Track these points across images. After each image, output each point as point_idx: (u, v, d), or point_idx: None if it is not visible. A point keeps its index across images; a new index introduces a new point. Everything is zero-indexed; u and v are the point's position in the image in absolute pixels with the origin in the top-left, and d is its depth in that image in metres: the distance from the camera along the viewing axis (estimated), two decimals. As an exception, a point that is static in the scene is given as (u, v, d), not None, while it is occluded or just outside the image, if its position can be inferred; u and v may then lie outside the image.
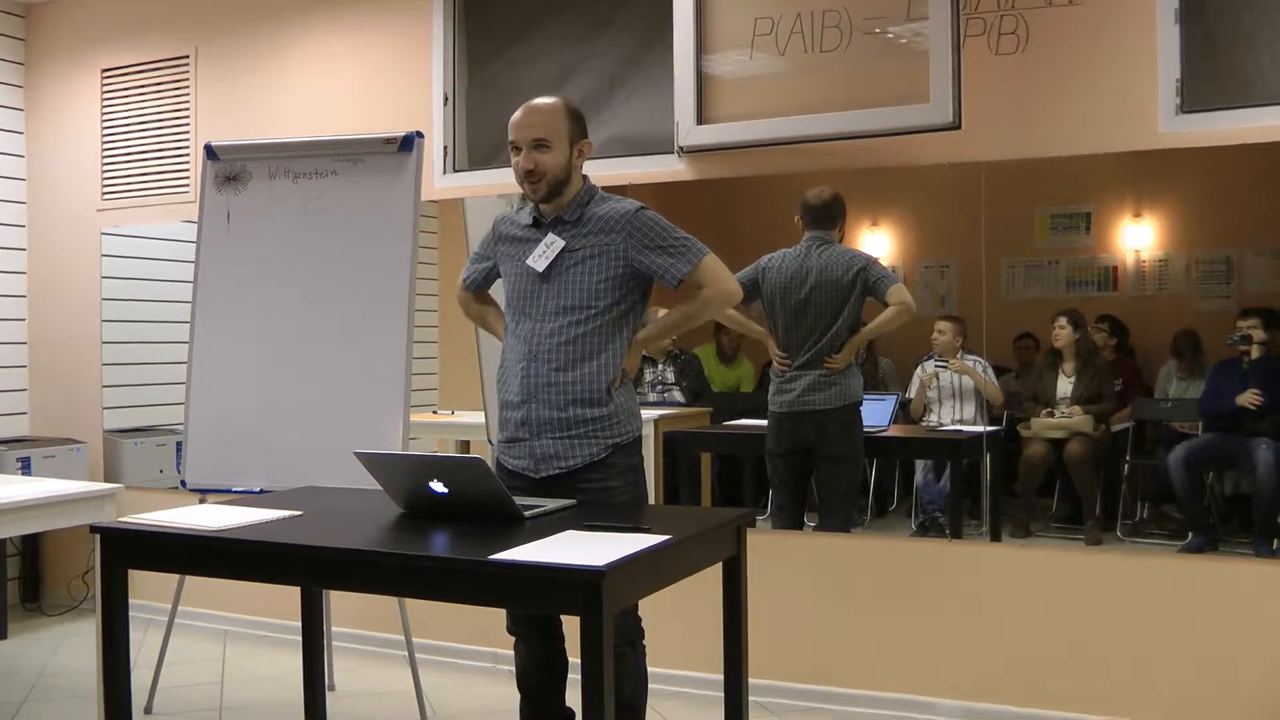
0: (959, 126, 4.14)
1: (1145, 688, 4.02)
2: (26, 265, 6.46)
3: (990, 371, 4.84)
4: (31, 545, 6.24)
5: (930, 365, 4.99)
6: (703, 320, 3.52)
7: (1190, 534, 4.42)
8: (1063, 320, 4.77)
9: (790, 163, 4.53)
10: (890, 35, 4.30)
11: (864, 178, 4.59)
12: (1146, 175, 4.49)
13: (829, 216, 4.70)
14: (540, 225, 3.36)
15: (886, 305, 4.60)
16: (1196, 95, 3.99)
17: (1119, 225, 4.70)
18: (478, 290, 3.65)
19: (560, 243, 3.30)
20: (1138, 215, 4.68)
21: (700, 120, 4.61)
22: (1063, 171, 4.39)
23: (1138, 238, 4.66)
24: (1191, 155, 4.02)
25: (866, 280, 4.62)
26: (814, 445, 4.70)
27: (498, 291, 3.57)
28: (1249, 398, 4.31)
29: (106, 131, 6.19)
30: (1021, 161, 4.26)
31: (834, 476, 4.71)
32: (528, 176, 3.28)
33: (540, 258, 3.32)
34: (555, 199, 3.32)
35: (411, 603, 4.50)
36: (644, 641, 3.35)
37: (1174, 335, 4.63)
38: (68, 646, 5.52)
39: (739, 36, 4.51)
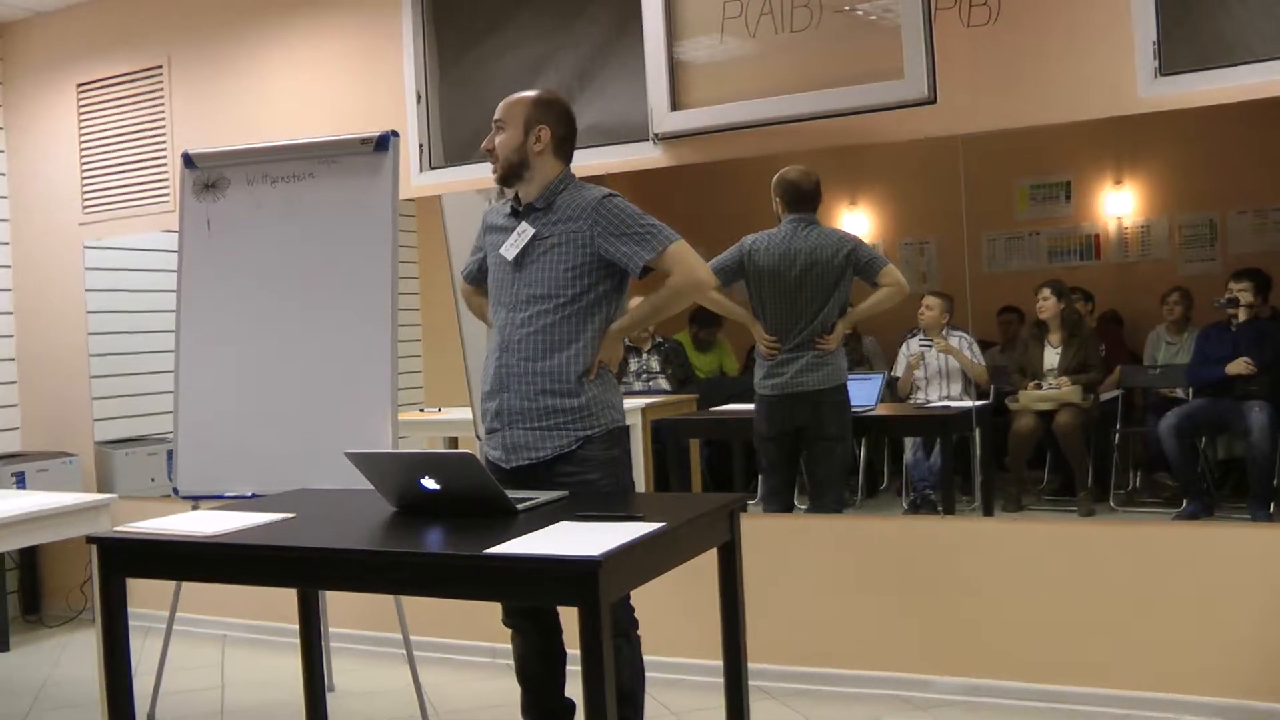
0: (934, 101, 4.12)
1: (1143, 657, 4.01)
2: (11, 281, 6.44)
3: (975, 347, 4.84)
4: (29, 558, 6.24)
5: (916, 344, 4.97)
6: (675, 309, 3.39)
7: (1184, 501, 4.41)
8: (1046, 291, 4.76)
9: (766, 144, 4.52)
10: (860, 12, 4.28)
11: (841, 156, 4.58)
12: (1126, 141, 4.48)
13: (814, 199, 4.67)
14: (518, 214, 3.37)
15: (877, 286, 4.56)
16: (1174, 57, 3.92)
17: (1099, 193, 4.71)
18: (476, 282, 3.63)
19: (530, 230, 3.30)
20: (1118, 182, 4.68)
21: (674, 106, 4.60)
22: (1041, 141, 4.38)
23: (1119, 204, 4.66)
24: (1171, 118, 3.97)
25: (857, 262, 4.57)
26: (807, 426, 4.67)
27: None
28: (1240, 366, 4.30)
29: (85, 145, 6.18)
30: (999, 133, 4.21)
31: (827, 457, 4.69)
32: (488, 157, 3.36)
33: (511, 246, 3.32)
34: (516, 181, 3.34)
35: (408, 600, 4.51)
36: (638, 631, 3.33)
37: (1161, 295, 4.63)
38: (69, 657, 5.51)
39: (709, 21, 4.50)
